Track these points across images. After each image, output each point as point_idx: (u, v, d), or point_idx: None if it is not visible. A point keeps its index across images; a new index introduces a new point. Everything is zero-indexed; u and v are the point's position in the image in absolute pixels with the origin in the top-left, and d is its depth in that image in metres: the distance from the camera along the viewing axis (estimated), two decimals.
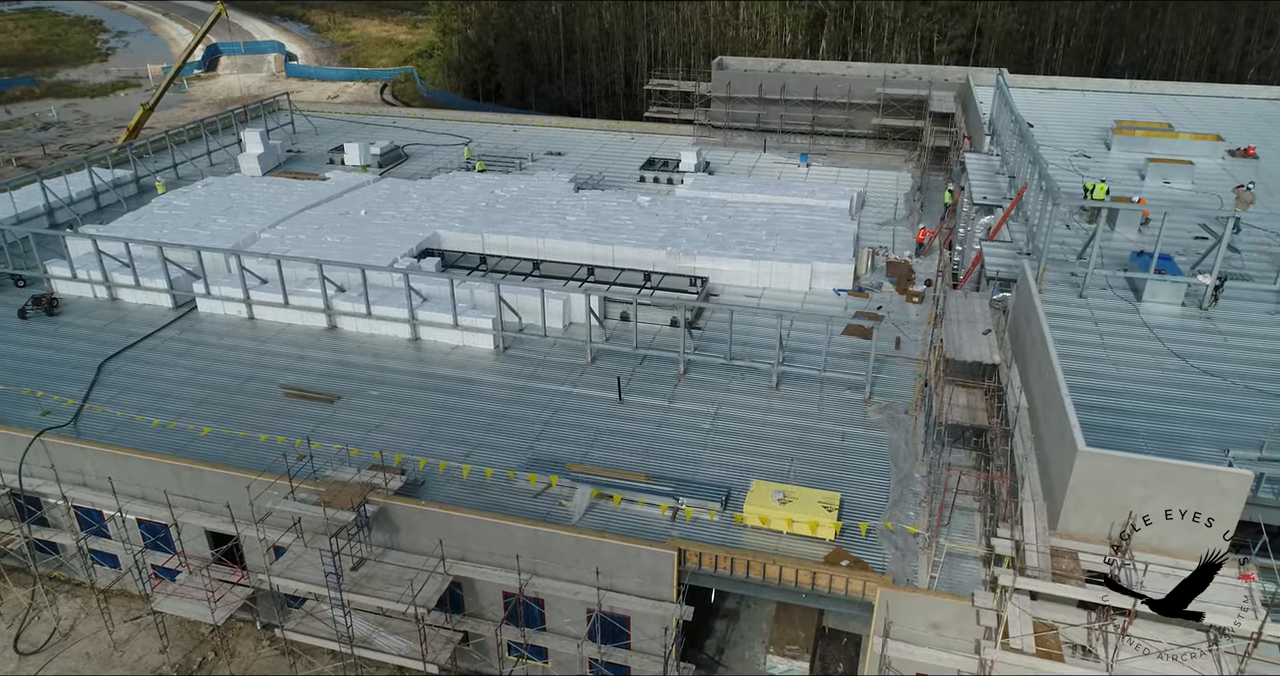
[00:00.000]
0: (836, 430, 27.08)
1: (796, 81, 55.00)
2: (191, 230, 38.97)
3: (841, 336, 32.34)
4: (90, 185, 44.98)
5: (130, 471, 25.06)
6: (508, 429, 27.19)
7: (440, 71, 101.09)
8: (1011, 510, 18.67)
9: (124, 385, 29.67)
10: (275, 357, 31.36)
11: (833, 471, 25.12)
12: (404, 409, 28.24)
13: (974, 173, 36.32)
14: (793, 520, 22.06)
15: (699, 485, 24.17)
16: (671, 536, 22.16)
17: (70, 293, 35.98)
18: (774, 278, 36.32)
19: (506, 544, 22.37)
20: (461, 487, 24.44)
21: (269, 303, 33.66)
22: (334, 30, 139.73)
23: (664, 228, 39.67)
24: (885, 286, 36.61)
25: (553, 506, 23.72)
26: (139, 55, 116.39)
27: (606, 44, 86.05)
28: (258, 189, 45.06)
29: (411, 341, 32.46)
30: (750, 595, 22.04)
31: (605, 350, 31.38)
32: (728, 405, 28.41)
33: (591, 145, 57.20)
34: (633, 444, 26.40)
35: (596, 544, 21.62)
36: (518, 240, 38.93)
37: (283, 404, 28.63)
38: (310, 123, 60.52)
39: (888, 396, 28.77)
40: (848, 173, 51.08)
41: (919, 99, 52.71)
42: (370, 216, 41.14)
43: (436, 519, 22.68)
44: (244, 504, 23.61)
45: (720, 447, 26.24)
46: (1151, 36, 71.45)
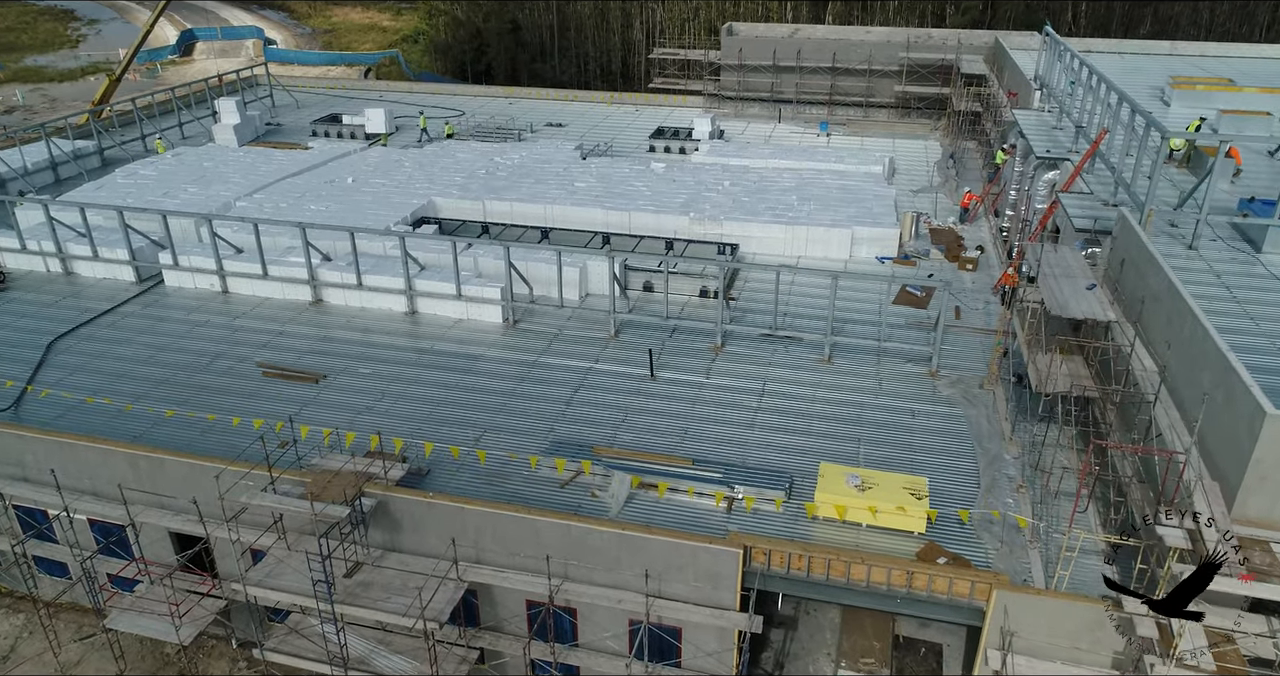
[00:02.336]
0: (904, 407, 23.46)
1: (813, 48, 51.44)
2: (159, 199, 34.91)
3: (893, 306, 28.93)
4: (48, 155, 40.80)
5: (79, 462, 21.10)
6: (522, 409, 23.41)
7: (427, 54, 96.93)
8: (1176, 492, 15.06)
9: (74, 365, 25.67)
10: (251, 334, 27.42)
11: (906, 453, 21.49)
12: (400, 388, 24.40)
13: (1029, 129, 32.81)
14: (876, 510, 18.40)
15: (754, 470, 20.49)
16: (733, 531, 18.45)
17: (19, 266, 31.86)
18: (810, 244, 32.67)
19: (532, 543, 18.57)
20: (474, 477, 20.64)
21: (245, 274, 29.69)
22: (314, 17, 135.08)
23: (684, 193, 35.95)
24: (933, 253, 33.06)
25: (584, 497, 19.96)
26: (111, 41, 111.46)
27: (601, 21, 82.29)
28: (233, 158, 41.00)
29: (408, 315, 28.59)
30: (828, 600, 18.40)
31: (629, 322, 27.65)
32: (774, 380, 24.74)
33: (593, 117, 53.42)
34: (668, 424, 22.69)
35: (643, 541, 17.87)
36: (523, 207, 35.12)
37: (259, 384, 24.72)
38: (291, 96, 56.47)
39: (954, 369, 25.20)
40: (871, 141, 47.53)
41: (946, 64, 49.26)
42: (359, 185, 37.21)
43: (447, 514, 18.85)
44: (214, 499, 19.70)
45: (770, 427, 22.56)
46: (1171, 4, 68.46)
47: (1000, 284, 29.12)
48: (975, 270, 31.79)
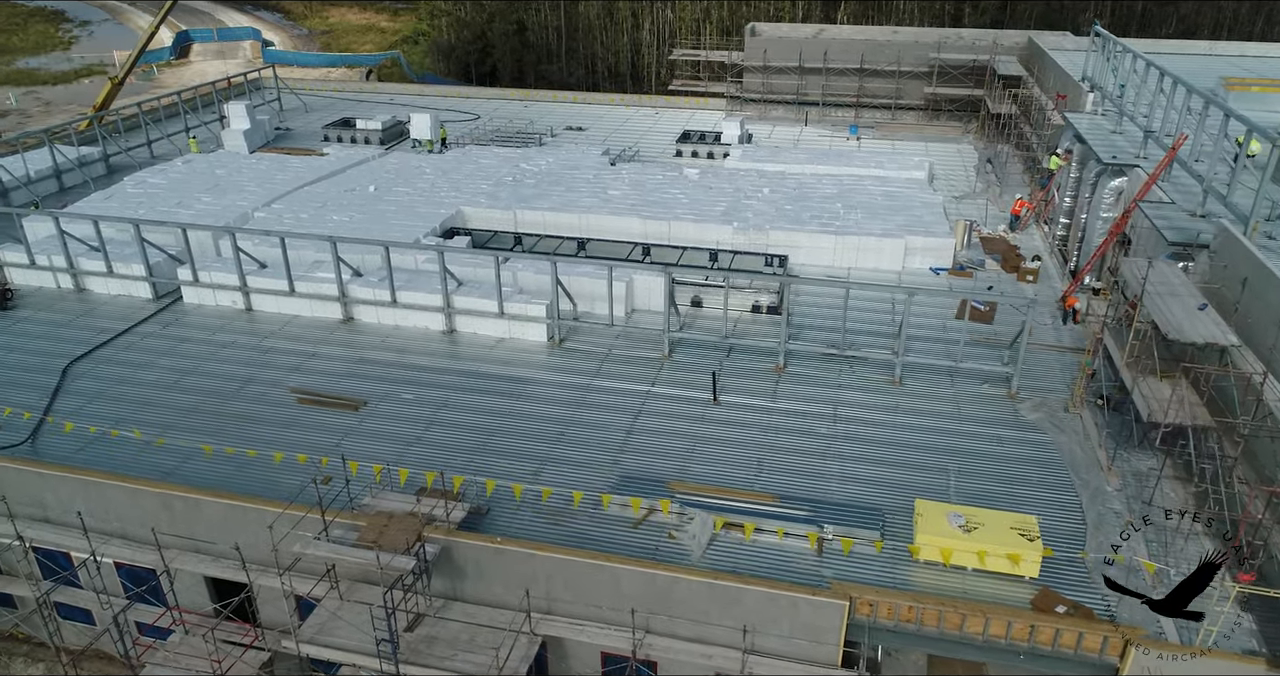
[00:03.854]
0: (988, 433, 22.00)
1: (839, 48, 49.97)
2: (172, 210, 33.16)
3: (955, 321, 27.50)
4: (52, 163, 38.97)
5: (106, 502, 19.42)
6: (581, 439, 21.83)
7: (428, 55, 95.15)
8: None
9: (94, 392, 23.94)
10: (280, 356, 25.74)
11: (1000, 486, 20.02)
12: (447, 416, 22.78)
13: (1088, 133, 31.42)
14: (986, 553, 16.91)
15: (843, 507, 18.98)
16: (830, 578, 16.93)
17: (27, 282, 30.06)
18: (860, 255, 31.19)
19: (611, 592, 17.01)
20: (536, 515, 19.05)
21: (270, 290, 27.99)
22: (311, 18, 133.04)
23: (722, 201, 34.42)
24: (988, 264, 31.63)
25: (660, 538, 18.40)
26: (104, 43, 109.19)
27: (609, 22, 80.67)
28: (246, 165, 39.24)
29: (446, 333, 26.96)
30: (942, 654, 16.90)
31: (680, 340, 26.12)
32: (844, 404, 23.25)
33: (613, 120, 51.84)
34: (740, 454, 21.15)
35: (737, 592, 16.32)
36: (556, 217, 33.51)
37: (294, 412, 23.06)
38: (300, 99, 54.68)
39: (1032, 390, 23.76)
40: (903, 145, 46.14)
41: (978, 64, 47.88)
42: (381, 193, 35.53)
43: (516, 560, 17.26)
44: (258, 543, 18.10)
45: (849, 457, 21.05)
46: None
47: (1060, 305, 27.72)
48: (1036, 281, 30.39)
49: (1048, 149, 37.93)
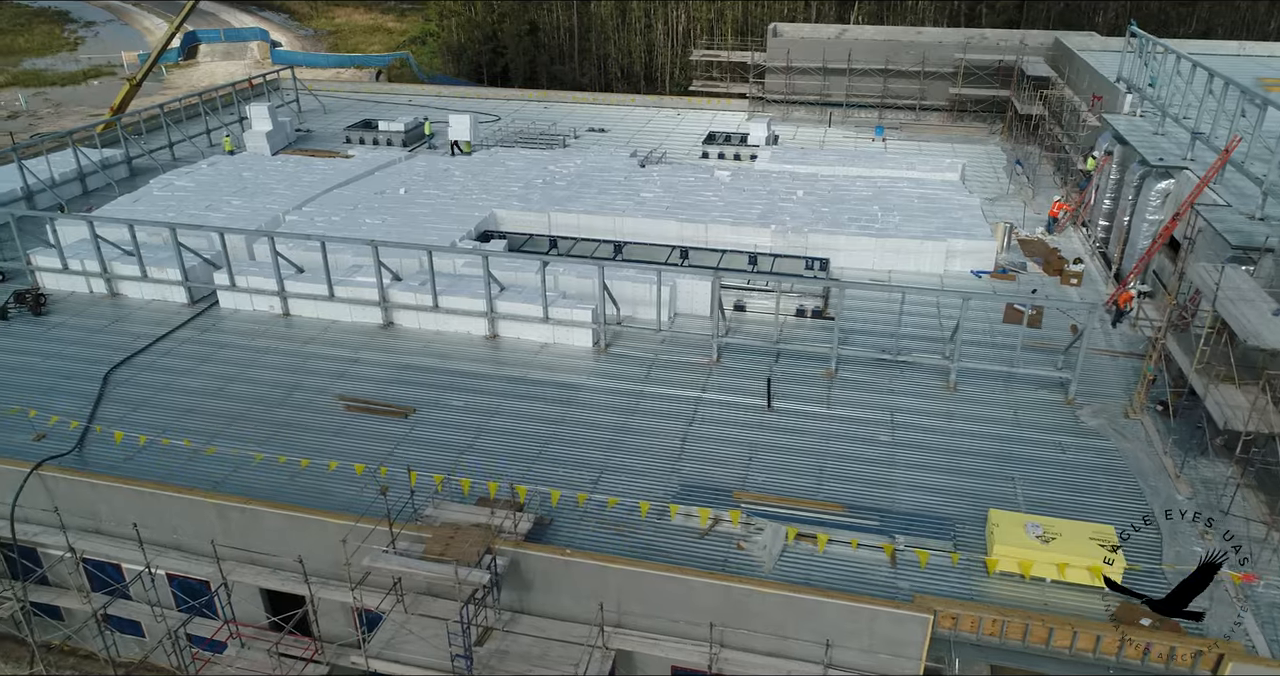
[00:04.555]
0: (1049, 440, 21.67)
1: (863, 49, 49.65)
2: (202, 213, 32.76)
3: (1002, 325, 27.20)
4: (76, 165, 38.57)
5: (160, 513, 19.05)
6: (637, 447, 21.48)
7: (439, 56, 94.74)
8: None
9: (136, 399, 23.56)
10: (323, 362, 25.36)
11: (1068, 494, 19.70)
12: (499, 423, 22.43)
13: (1131, 135, 31.12)
14: (1067, 565, 16.58)
15: (913, 517, 18.66)
16: (903, 587, 16.60)
17: (60, 287, 29.67)
18: (900, 258, 30.87)
19: (684, 605, 16.67)
20: (600, 526, 18.70)
21: (309, 295, 27.62)
22: (316, 18, 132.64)
23: (758, 204, 34.09)
24: (1030, 267, 31.32)
25: (728, 549, 18.06)
26: (111, 44, 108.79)
27: (622, 22, 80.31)
28: (272, 167, 38.86)
29: (488, 339, 26.61)
30: (1025, 668, 16.55)
31: (726, 345, 25.76)
32: (901, 411, 22.92)
33: (635, 121, 51.53)
34: (801, 463, 20.81)
35: (815, 605, 15.99)
36: (590, 220, 33.16)
37: (343, 419, 22.69)
38: (318, 100, 54.29)
39: (1089, 396, 23.44)
40: (930, 146, 45.86)
41: (1005, 65, 47.59)
42: (411, 196, 35.16)
43: (587, 573, 16.92)
44: (319, 555, 17.77)
45: (913, 465, 20.72)
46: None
47: (1117, 302, 27.37)
48: (1080, 284, 30.08)
49: (1082, 150, 37.65)
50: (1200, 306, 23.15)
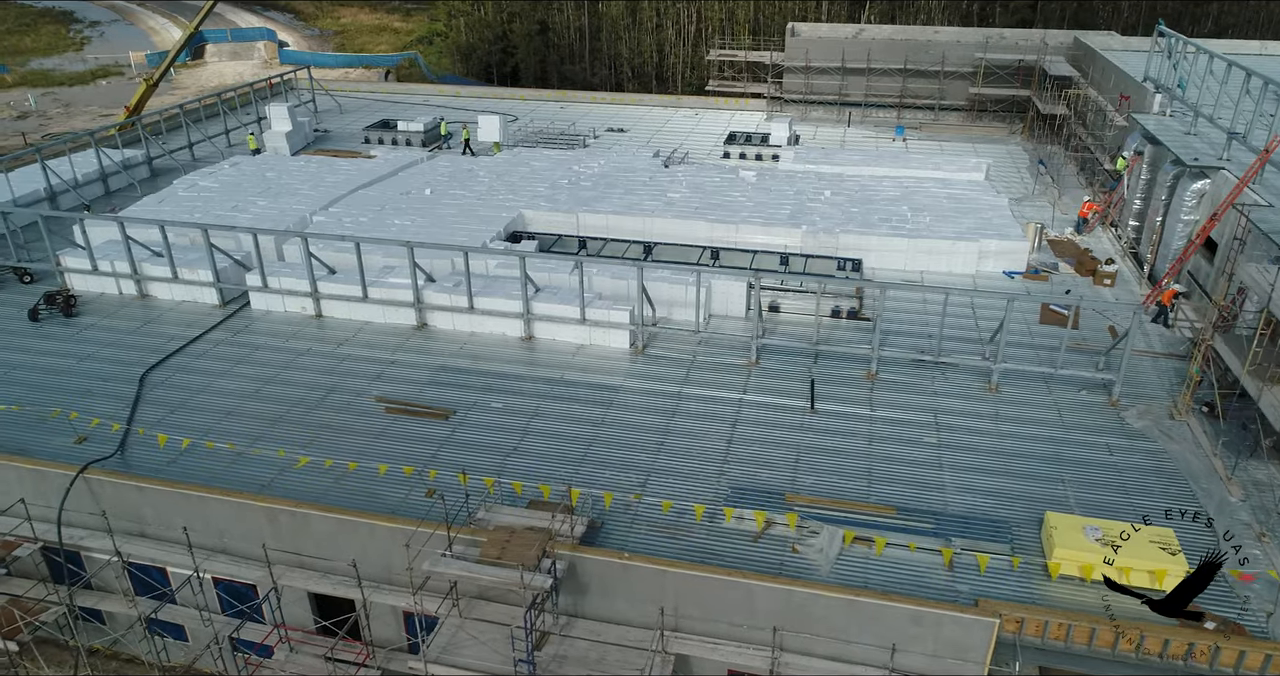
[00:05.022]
0: (1097, 442, 21.56)
1: (883, 48, 49.55)
2: (229, 214, 32.60)
3: (1039, 326, 27.10)
4: (98, 166, 38.42)
5: (208, 517, 18.90)
6: (681, 449, 21.34)
7: (448, 55, 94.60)
8: None
9: (174, 401, 23.40)
10: (359, 364, 25.22)
11: (1120, 497, 19.59)
12: (541, 425, 22.29)
13: (1163, 135, 31.01)
14: (1130, 569, 16.46)
15: (968, 520, 18.54)
16: (963, 591, 16.48)
17: (89, 288, 29.52)
18: (933, 259, 30.75)
19: (744, 609, 16.55)
20: (651, 529, 18.56)
21: (342, 296, 27.47)
22: (322, 18, 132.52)
23: (786, 204, 33.96)
24: (1062, 267, 31.22)
25: (783, 553, 17.93)
26: (118, 44, 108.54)
27: (633, 22, 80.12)
28: (295, 168, 38.70)
29: (524, 340, 26.47)
30: (1091, 673, 16.42)
31: (764, 346, 25.61)
32: (944, 412, 22.80)
33: (653, 121, 51.39)
34: (849, 465, 20.69)
35: (878, 609, 15.87)
36: (619, 221, 33.03)
37: (383, 421, 22.55)
38: (335, 100, 54.14)
39: (1132, 397, 23.32)
40: (950, 146, 45.77)
41: (1025, 64, 47.49)
42: (437, 196, 35.01)
43: (645, 577, 16.80)
44: (371, 559, 17.64)
45: (961, 467, 20.59)
46: None
47: (1156, 300, 27.27)
48: (1114, 285, 29.98)
49: (1108, 151, 37.56)
50: (1244, 307, 23.09)
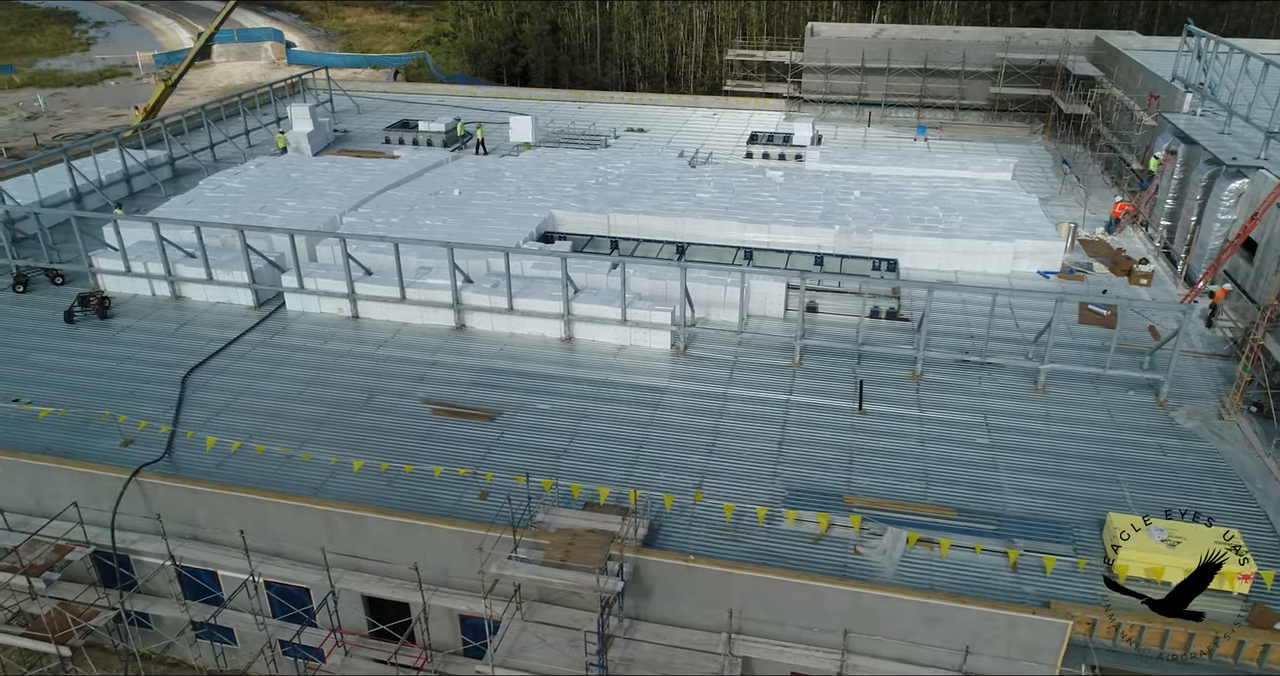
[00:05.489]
0: (1149, 442, 21.49)
1: (903, 48, 49.49)
2: (257, 215, 32.46)
3: (1079, 326, 27.02)
4: (122, 166, 38.26)
5: (264, 520, 18.78)
6: (733, 450, 21.24)
7: (457, 56, 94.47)
8: None
9: (218, 403, 23.26)
10: (400, 365, 25.09)
11: (1178, 497, 19.51)
12: (589, 426, 22.18)
13: (1198, 134, 30.95)
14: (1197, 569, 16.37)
15: (1030, 521, 18.46)
16: (1052, 599, 16.38)
17: (120, 290, 29.36)
18: (968, 259, 30.68)
19: (811, 612, 16.45)
20: (710, 531, 18.46)
21: (380, 297, 27.34)
22: (327, 18, 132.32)
23: (817, 204, 33.88)
24: (1096, 267, 31.16)
25: (845, 555, 17.83)
26: (123, 45, 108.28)
27: (644, 22, 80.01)
28: (321, 168, 38.55)
29: (563, 341, 26.36)
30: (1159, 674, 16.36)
31: (806, 347, 25.51)
32: (994, 413, 22.72)
33: (672, 121, 51.30)
34: (904, 466, 20.60)
35: (949, 610, 15.78)
36: (650, 221, 32.93)
37: (429, 423, 22.42)
38: (353, 101, 54.01)
39: (1179, 397, 23.25)
40: (973, 146, 45.69)
41: (1046, 64, 47.44)
42: (466, 197, 34.89)
43: (710, 579, 16.69)
44: (431, 562, 17.53)
45: (1016, 468, 20.51)
46: None
47: (1208, 299, 27.22)
48: (1149, 285, 29.92)
49: (1136, 150, 37.51)
50: None
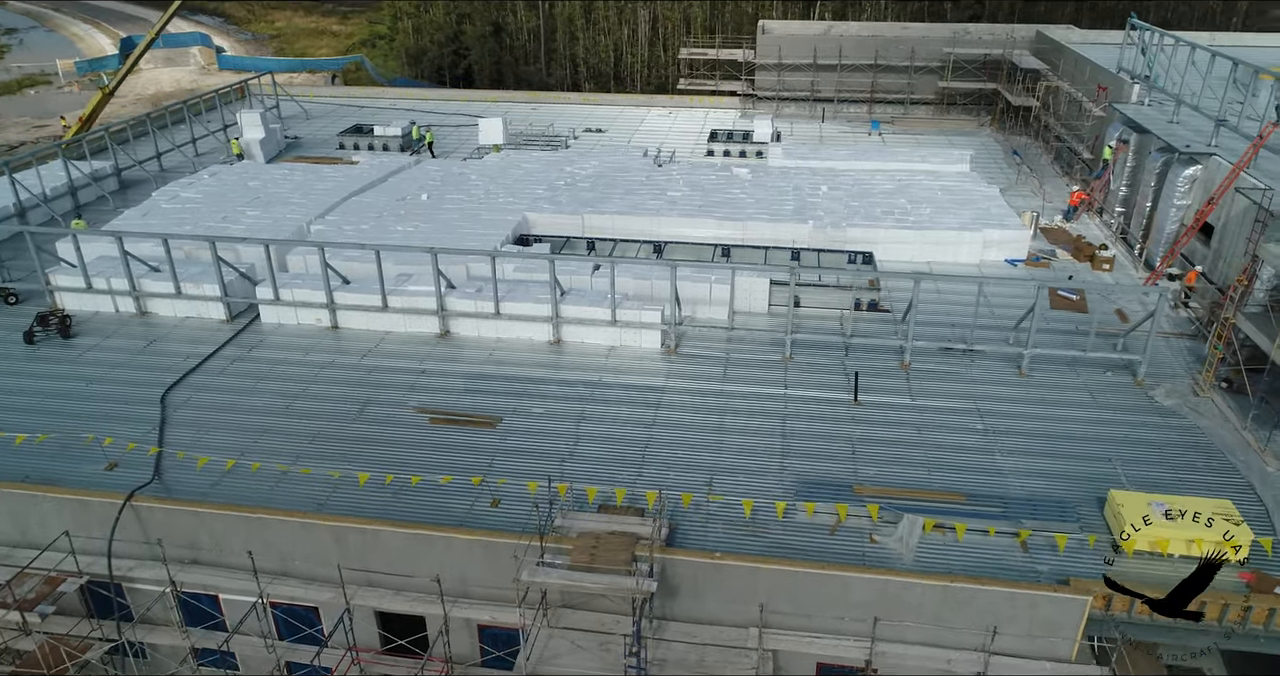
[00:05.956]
0: (1133, 421, 22.31)
1: (854, 45, 50.38)
2: (220, 225, 31.44)
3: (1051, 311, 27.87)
4: (67, 178, 36.62)
5: (268, 539, 18.20)
6: (738, 446, 21.36)
7: (396, 58, 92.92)
8: None
9: (203, 422, 22.44)
10: (388, 375, 24.57)
11: (1168, 473, 20.31)
12: (591, 429, 22.06)
13: (1149, 124, 32.23)
14: (1202, 540, 17.08)
15: (1036, 503, 19.00)
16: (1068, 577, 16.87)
17: (83, 307, 28.10)
18: (939, 250, 31.40)
19: (839, 602, 16.66)
20: (728, 526, 18.53)
21: (361, 306, 26.74)
22: (254, 22, 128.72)
23: (788, 200, 34.30)
24: (1060, 254, 32.21)
25: (862, 544, 18.09)
26: (40, 52, 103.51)
27: (588, 22, 79.90)
28: (280, 176, 37.52)
29: (552, 344, 26.16)
30: (1175, 643, 17.00)
31: (795, 341, 25.79)
32: (983, 399, 23.31)
33: (629, 121, 51.34)
34: (905, 454, 20.99)
35: (973, 593, 16.15)
36: (625, 221, 32.91)
37: (428, 432, 22.02)
38: (300, 106, 52.68)
39: (1152, 377, 24.18)
40: (925, 139, 46.78)
41: (992, 58, 48.82)
42: (435, 202, 34.34)
43: (737, 575, 16.77)
44: (450, 574, 17.25)
45: (1013, 451, 21.08)
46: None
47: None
48: (1112, 269, 31.05)
49: (1086, 141, 38.86)
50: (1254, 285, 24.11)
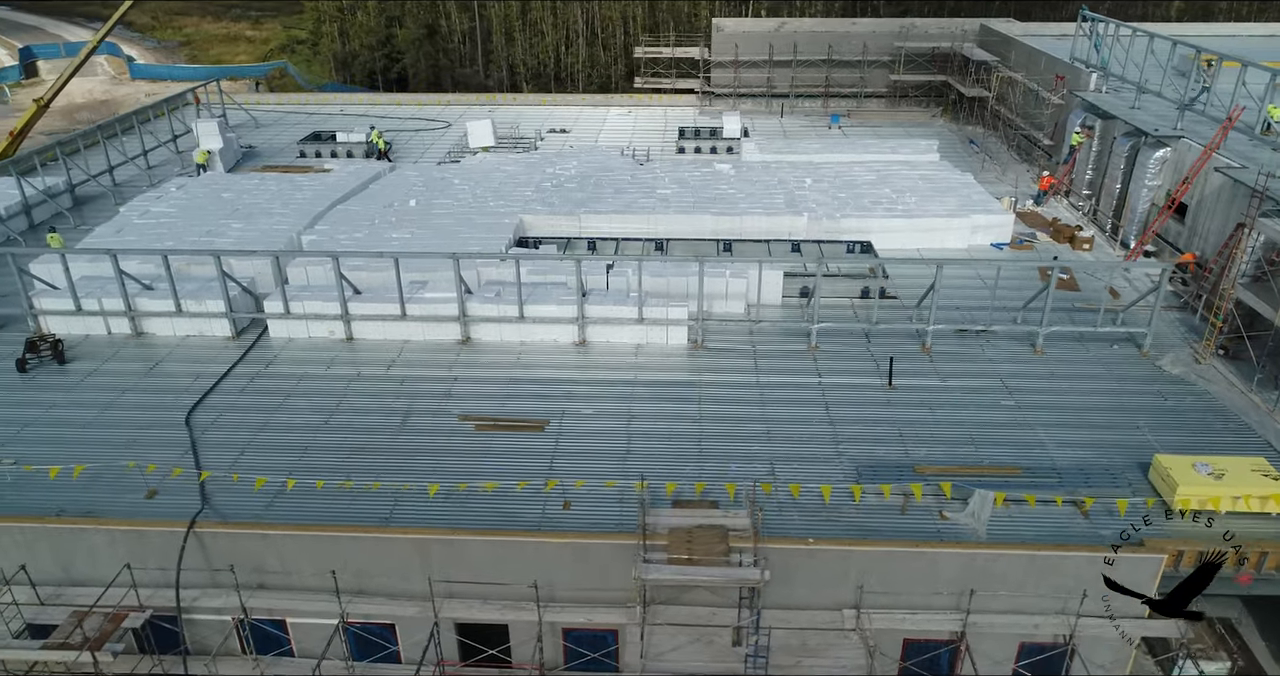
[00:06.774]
0: (1150, 389, 23.62)
1: (807, 40, 51.51)
2: (205, 239, 30.17)
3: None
4: (20, 195, 34.48)
5: (344, 558, 17.65)
6: (790, 434, 21.73)
7: (321, 63, 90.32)
8: None
9: (235, 442, 21.55)
10: (421, 384, 24.03)
11: (1195, 436, 21.59)
12: (643, 426, 22.09)
13: (1115, 110, 34.05)
14: (1250, 496, 18.27)
15: (1085, 471, 19.94)
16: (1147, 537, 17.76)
17: (71, 330, 26.57)
18: (930, 236, 32.49)
19: (928, 578, 17.20)
20: (803, 514, 18.85)
21: (377, 316, 26.08)
22: (160, 29, 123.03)
23: (777, 194, 34.92)
24: (1041, 236, 33.72)
25: (933, 521, 18.67)
26: None
27: (524, 22, 79.19)
28: (253, 186, 36.15)
29: (578, 345, 26.05)
30: (1242, 593, 18.09)
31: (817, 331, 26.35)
32: (1008, 376, 24.29)
33: (590, 121, 51.29)
34: (950, 433, 21.73)
35: (1059, 560, 16.91)
36: (623, 220, 32.95)
37: (478, 440, 21.67)
38: (250, 115, 50.81)
39: (1156, 348, 25.62)
40: (883, 131, 48.19)
41: (941, 51, 50.61)
42: (425, 207, 33.68)
43: (830, 559, 17.13)
44: (543, 578, 17.11)
45: (1049, 424, 22.04)
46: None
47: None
48: (1091, 248, 32.68)
49: (1044, 128, 40.69)
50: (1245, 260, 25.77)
